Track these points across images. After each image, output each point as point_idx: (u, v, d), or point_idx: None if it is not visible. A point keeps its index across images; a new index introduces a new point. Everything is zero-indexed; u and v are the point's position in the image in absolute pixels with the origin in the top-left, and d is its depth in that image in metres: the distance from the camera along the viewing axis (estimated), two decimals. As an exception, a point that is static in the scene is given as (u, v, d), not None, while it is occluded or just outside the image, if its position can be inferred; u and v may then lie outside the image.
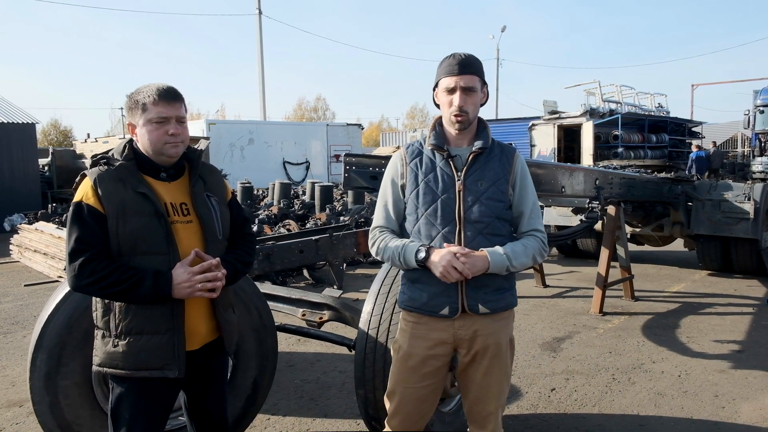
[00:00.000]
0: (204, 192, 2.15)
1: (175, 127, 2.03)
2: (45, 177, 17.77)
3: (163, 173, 2.09)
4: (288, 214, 10.70)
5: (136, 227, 1.97)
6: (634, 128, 19.79)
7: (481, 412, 2.33)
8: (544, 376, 4.54)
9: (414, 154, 2.31)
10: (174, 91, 2.06)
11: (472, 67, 2.22)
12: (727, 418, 3.79)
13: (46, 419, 2.72)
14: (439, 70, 2.26)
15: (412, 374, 2.30)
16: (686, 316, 6.27)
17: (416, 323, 2.29)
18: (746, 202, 7.54)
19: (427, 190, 2.23)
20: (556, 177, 5.67)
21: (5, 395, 4.28)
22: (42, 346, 2.71)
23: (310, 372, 4.69)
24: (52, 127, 49.67)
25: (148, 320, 2.00)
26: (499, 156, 2.28)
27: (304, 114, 58.01)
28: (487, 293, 2.22)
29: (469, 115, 2.22)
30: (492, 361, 2.27)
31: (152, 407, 2.08)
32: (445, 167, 2.24)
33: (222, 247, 2.18)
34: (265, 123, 25.27)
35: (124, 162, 2.04)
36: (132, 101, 2.06)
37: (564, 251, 9.88)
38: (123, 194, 1.98)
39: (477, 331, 2.24)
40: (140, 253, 1.98)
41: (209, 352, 2.16)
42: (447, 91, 2.22)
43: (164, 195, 2.06)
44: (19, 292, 7.79)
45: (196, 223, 2.09)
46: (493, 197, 2.21)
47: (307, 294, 3.82)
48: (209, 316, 2.13)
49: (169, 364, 2.01)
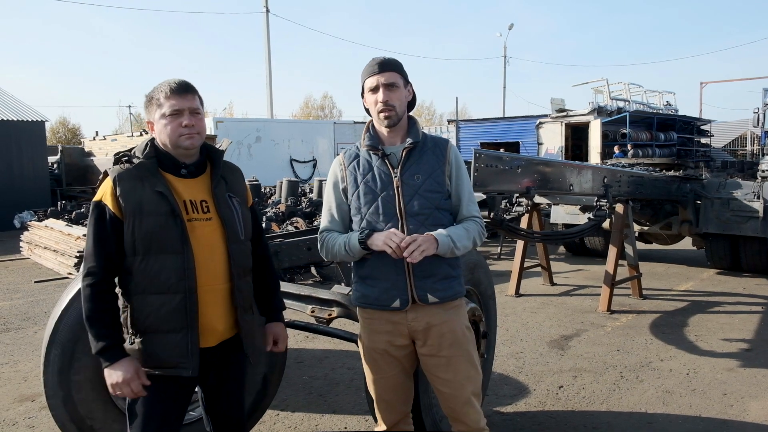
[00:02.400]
0: (226, 192, 2.16)
1: (188, 119, 2.05)
2: (54, 174, 17.90)
3: (184, 170, 2.11)
4: (295, 211, 10.72)
5: (152, 226, 1.99)
6: (642, 126, 19.71)
7: (455, 407, 2.39)
8: (552, 373, 4.55)
9: (351, 157, 2.41)
10: (186, 84, 2.10)
11: (392, 65, 2.32)
12: (736, 416, 3.79)
13: (59, 413, 2.76)
14: (362, 74, 2.36)
15: (379, 365, 2.41)
16: (694, 314, 6.26)
17: (371, 319, 2.39)
18: (755, 200, 7.51)
19: (367, 189, 2.32)
20: (565, 175, 5.67)
21: (18, 390, 4.33)
22: (56, 342, 2.75)
23: (318, 368, 4.72)
24: (61, 125, 49.91)
25: (163, 319, 2.01)
26: (432, 149, 2.36)
27: (311, 112, 58.02)
28: (435, 282, 2.30)
29: (396, 109, 2.30)
30: (452, 350, 2.33)
31: (167, 404, 2.10)
32: (381, 166, 2.33)
33: (246, 249, 2.19)
34: (273, 121, 25.30)
35: (144, 160, 2.07)
36: (148, 99, 2.11)
37: (571, 249, 9.87)
38: (140, 193, 2.01)
39: (429, 322, 2.31)
40: (155, 252, 2.00)
41: (226, 349, 2.17)
42: (371, 90, 2.32)
43: (183, 192, 2.08)
44: (30, 289, 7.87)
45: (216, 222, 2.11)
46: (430, 189, 2.30)
47: (316, 291, 3.83)
48: (227, 315, 2.13)
49: (183, 363, 2.03)
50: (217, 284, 2.09)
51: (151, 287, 2.01)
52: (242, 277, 2.16)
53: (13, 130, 14.92)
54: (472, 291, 3.53)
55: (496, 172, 4.87)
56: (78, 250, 8.32)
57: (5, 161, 14.81)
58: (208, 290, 2.07)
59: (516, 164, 5.04)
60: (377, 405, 2.49)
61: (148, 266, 2.00)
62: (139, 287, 2.02)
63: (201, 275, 2.04)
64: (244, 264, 2.18)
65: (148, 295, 2.02)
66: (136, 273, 2.02)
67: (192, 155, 2.13)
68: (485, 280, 3.66)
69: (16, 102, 16.41)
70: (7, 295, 7.54)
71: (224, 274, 2.11)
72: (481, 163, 4.66)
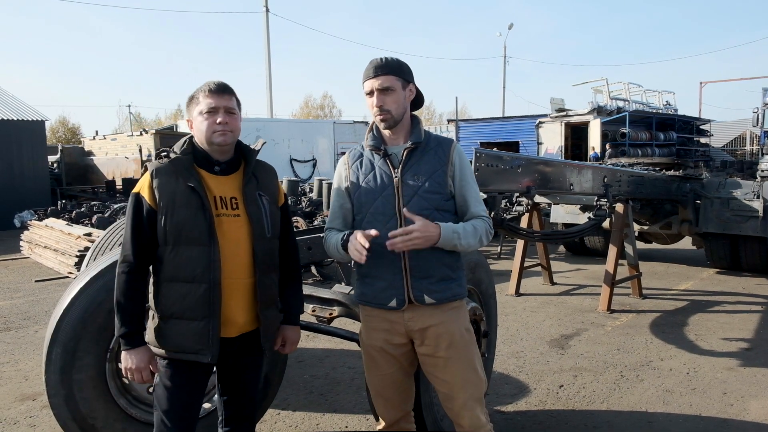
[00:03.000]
0: (256, 190, 2.23)
1: (223, 116, 2.15)
2: (54, 174, 17.91)
3: (217, 167, 2.20)
4: (296, 211, 10.73)
5: (182, 218, 2.10)
6: (641, 126, 19.72)
7: (453, 408, 2.38)
8: (552, 372, 4.56)
9: (355, 157, 2.43)
10: (223, 85, 2.20)
11: (388, 68, 2.30)
12: (736, 415, 3.80)
13: (61, 412, 2.76)
14: (362, 78, 2.35)
15: (377, 363, 2.41)
16: (694, 313, 6.27)
17: (370, 316, 2.40)
18: (755, 200, 7.52)
19: (368, 189, 2.33)
20: (565, 174, 5.67)
21: (19, 389, 4.34)
22: (57, 340, 2.75)
23: (319, 368, 4.72)
24: (60, 125, 49.90)
25: (188, 307, 2.11)
26: (435, 150, 2.35)
27: (310, 111, 58.03)
28: (431, 284, 2.29)
29: (391, 113, 2.29)
30: (449, 351, 2.32)
31: (187, 386, 2.19)
32: (383, 166, 2.34)
33: (272, 246, 2.26)
34: (272, 120, 25.28)
35: (180, 156, 2.18)
36: (190, 98, 2.23)
37: (571, 249, 9.88)
38: (174, 186, 2.12)
39: (426, 323, 2.31)
40: (184, 243, 2.10)
41: (246, 341, 2.24)
42: (368, 94, 2.32)
43: (215, 188, 2.18)
44: (30, 288, 7.87)
45: (243, 218, 2.18)
46: (430, 190, 2.29)
47: (317, 290, 3.83)
48: (249, 309, 2.21)
49: (203, 350, 2.12)
50: (240, 278, 2.17)
51: (179, 276, 2.11)
52: (266, 273, 2.22)
53: (13, 130, 14.92)
54: (473, 290, 3.54)
55: (497, 171, 4.87)
56: (78, 250, 8.33)
57: (5, 160, 14.81)
58: (232, 283, 2.15)
59: (516, 164, 5.04)
60: (376, 402, 2.50)
61: (177, 256, 2.11)
62: (168, 275, 2.13)
63: (226, 268, 2.12)
64: (269, 261, 2.24)
65: (176, 283, 2.12)
66: (166, 262, 2.12)
67: (225, 152, 2.21)
68: (486, 279, 3.67)
69: (17, 101, 16.41)
70: (8, 294, 7.54)
71: (248, 269, 2.18)
72: (481, 162, 4.67)
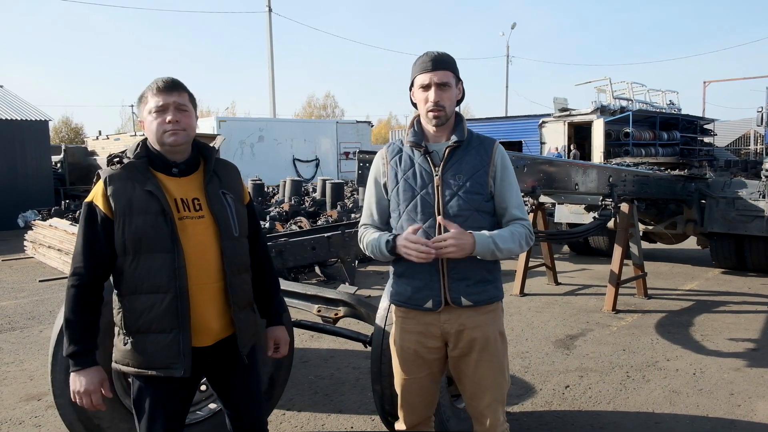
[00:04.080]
0: (219, 189, 2.13)
1: (173, 114, 2.03)
2: (57, 174, 17.93)
3: (175, 169, 2.09)
4: (299, 211, 10.72)
5: (141, 226, 1.98)
6: (645, 125, 19.72)
7: (477, 407, 2.35)
8: (558, 373, 4.54)
9: (394, 152, 2.35)
10: (173, 81, 2.08)
11: (446, 63, 2.25)
12: (743, 416, 3.78)
13: (66, 412, 2.76)
14: (414, 69, 2.29)
15: (408, 366, 2.35)
16: (700, 314, 6.24)
17: (405, 317, 2.35)
18: (761, 199, 7.48)
19: (407, 186, 2.27)
20: (570, 174, 5.66)
21: (24, 389, 4.33)
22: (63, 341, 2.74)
23: (324, 368, 4.71)
24: (64, 125, 50.00)
25: (154, 319, 2.00)
26: (477, 149, 2.29)
27: (313, 111, 58.07)
28: (469, 285, 2.24)
29: (445, 110, 2.24)
30: (481, 354, 2.28)
31: (169, 401, 2.09)
32: (423, 163, 2.28)
33: (241, 246, 2.16)
34: (275, 120, 25.29)
35: (134, 160, 2.06)
36: (139, 98, 2.11)
37: (575, 249, 9.85)
38: (131, 193, 2.00)
39: (463, 324, 2.26)
40: (144, 251, 1.99)
41: (225, 348, 2.14)
42: (422, 87, 2.25)
43: (174, 191, 2.06)
44: (34, 288, 7.87)
45: (208, 219, 2.08)
46: (471, 190, 2.23)
47: (322, 290, 3.82)
48: (222, 313, 2.10)
49: (175, 363, 2.00)
50: (209, 282, 2.06)
51: (142, 287, 2.00)
52: (237, 274, 2.13)
53: (16, 130, 14.94)
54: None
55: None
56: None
57: (9, 160, 14.83)
58: (201, 289, 2.04)
59: (521, 163, 5.03)
60: (401, 405, 2.45)
61: (139, 266, 1.99)
62: (130, 287, 2.01)
63: (192, 274, 2.02)
64: (239, 261, 2.15)
65: (139, 296, 2.00)
66: (127, 273, 2.01)
67: (181, 152, 2.10)
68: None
69: (20, 101, 16.43)
70: (12, 294, 7.55)
71: (217, 271, 2.08)
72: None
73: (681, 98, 24.25)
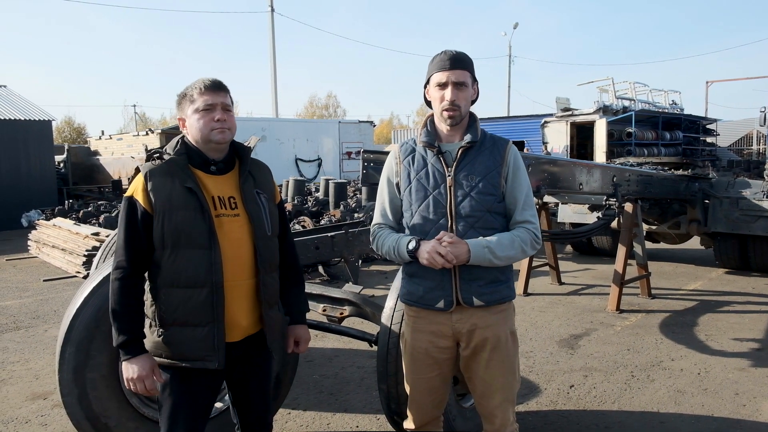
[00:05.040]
0: (254, 188, 2.19)
1: (221, 114, 2.10)
2: (61, 174, 17.98)
3: (213, 166, 2.14)
4: (302, 210, 10.73)
5: (180, 221, 2.02)
6: (647, 125, 19.66)
7: (487, 406, 2.35)
8: (563, 372, 4.54)
9: (407, 152, 2.35)
10: (218, 82, 2.15)
11: (463, 62, 2.24)
12: (748, 416, 3.78)
13: (74, 411, 2.77)
14: (431, 67, 2.29)
15: (419, 366, 2.36)
16: (704, 314, 6.24)
17: (416, 317, 2.35)
18: (764, 199, 7.47)
19: (419, 186, 2.27)
20: (574, 174, 5.66)
21: (30, 388, 4.35)
22: (71, 340, 2.75)
23: (328, 367, 4.72)
24: (66, 125, 50.03)
25: (190, 313, 2.04)
26: (490, 149, 2.29)
27: (315, 111, 58.08)
28: (481, 286, 2.24)
29: (461, 109, 2.24)
30: (492, 353, 2.28)
31: (195, 394, 2.14)
32: (436, 163, 2.28)
33: (272, 244, 2.21)
34: (278, 120, 25.28)
35: (174, 156, 2.11)
36: (181, 96, 2.16)
37: (579, 248, 9.84)
38: (171, 188, 2.04)
39: (475, 324, 2.26)
40: (183, 246, 2.03)
41: (251, 344, 2.19)
42: (439, 86, 2.25)
43: (212, 188, 2.11)
44: (39, 287, 7.89)
45: (243, 217, 2.13)
46: (483, 191, 2.23)
47: (327, 290, 3.83)
48: (252, 310, 2.16)
49: (210, 356, 2.06)
50: (243, 279, 2.11)
51: (179, 281, 2.04)
52: (268, 272, 2.18)
53: (20, 129, 14.98)
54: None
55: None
56: (86, 249, 8.35)
57: (12, 160, 14.87)
58: (235, 285, 2.09)
59: (525, 163, 5.02)
60: (410, 404, 2.46)
61: (177, 260, 2.04)
62: (166, 281, 2.05)
63: (228, 270, 2.06)
64: (271, 259, 2.20)
65: (176, 289, 2.05)
66: (165, 267, 2.05)
67: (221, 151, 2.16)
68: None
69: (23, 101, 16.47)
70: (17, 293, 7.56)
71: (250, 269, 2.13)
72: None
73: (683, 98, 24.20)
